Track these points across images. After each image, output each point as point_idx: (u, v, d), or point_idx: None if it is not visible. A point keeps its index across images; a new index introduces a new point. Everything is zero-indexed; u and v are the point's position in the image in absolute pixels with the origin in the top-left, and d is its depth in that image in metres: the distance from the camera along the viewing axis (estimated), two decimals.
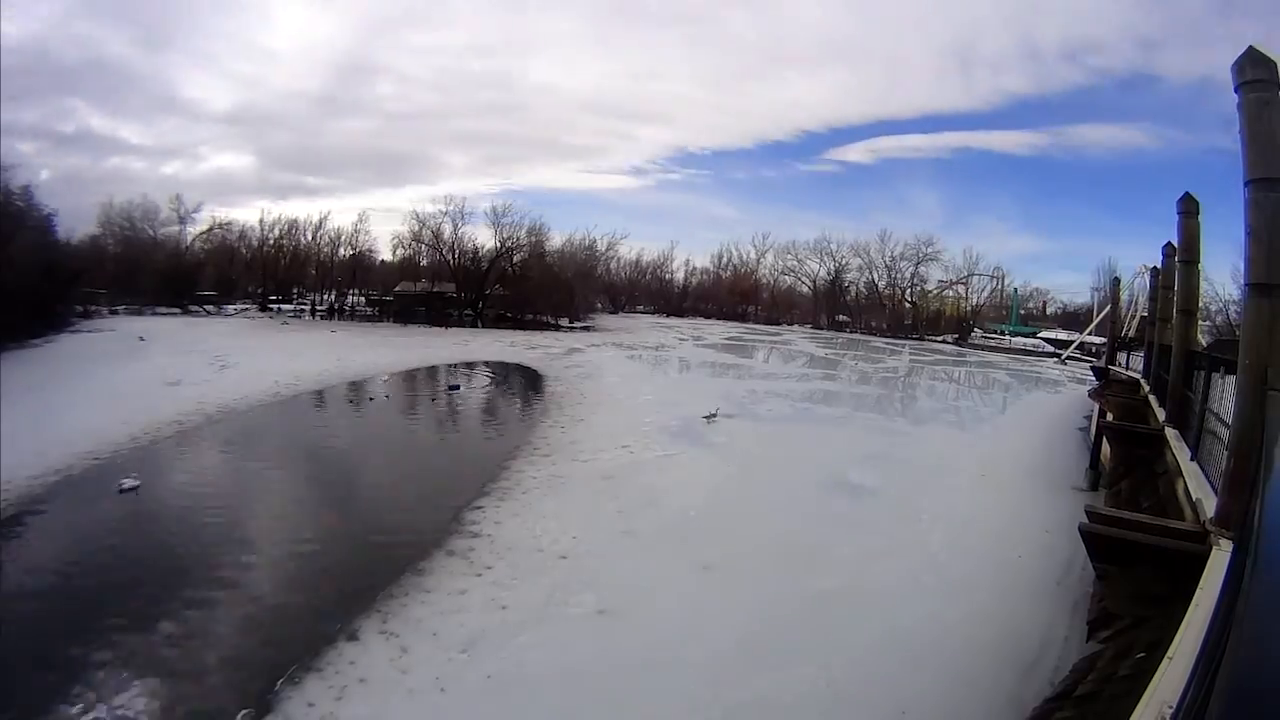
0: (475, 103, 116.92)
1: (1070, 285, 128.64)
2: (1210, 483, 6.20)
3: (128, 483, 13.66)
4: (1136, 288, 40.80)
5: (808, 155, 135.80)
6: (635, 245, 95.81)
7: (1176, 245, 11.46)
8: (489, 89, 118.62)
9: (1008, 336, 72.55)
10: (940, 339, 72.72)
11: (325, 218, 66.03)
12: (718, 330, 66.03)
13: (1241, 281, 5.07)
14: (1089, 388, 27.92)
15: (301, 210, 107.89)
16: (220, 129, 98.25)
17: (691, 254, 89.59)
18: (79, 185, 69.60)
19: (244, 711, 6.85)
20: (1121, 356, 27.63)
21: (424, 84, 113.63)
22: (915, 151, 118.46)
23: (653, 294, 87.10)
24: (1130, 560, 5.18)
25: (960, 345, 68.61)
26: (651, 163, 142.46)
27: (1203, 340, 20.81)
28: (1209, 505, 5.43)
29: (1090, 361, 45.49)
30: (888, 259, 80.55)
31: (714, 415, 21.97)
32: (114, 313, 46.38)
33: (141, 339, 34.95)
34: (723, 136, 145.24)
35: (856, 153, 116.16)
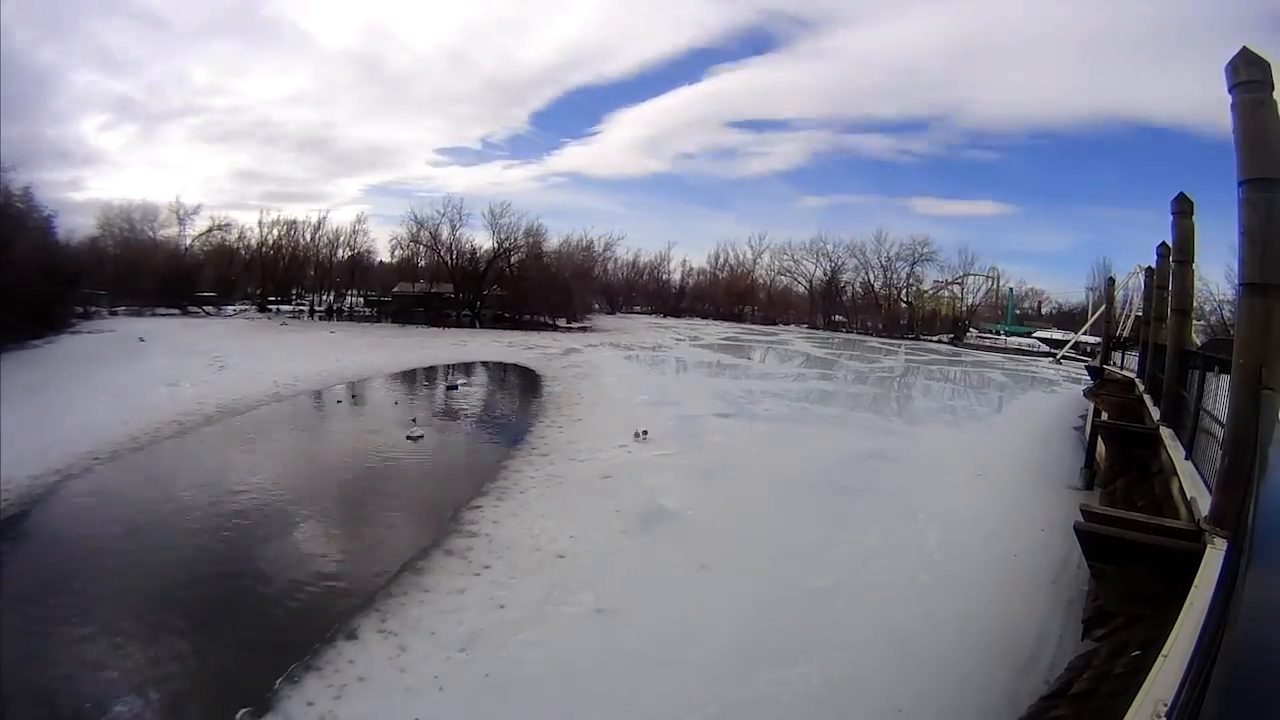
0: None
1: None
2: (1205, 481, 6.23)
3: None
4: (1131, 287, 40.93)
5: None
6: (632, 246, 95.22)
7: (1171, 245, 11.52)
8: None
9: (1003, 336, 72.61)
10: (936, 339, 72.85)
11: (324, 218, 66.19)
12: (714, 330, 66.03)
13: (1236, 281, 5.10)
14: (1084, 387, 28.01)
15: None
16: None
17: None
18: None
19: (243, 710, 6.85)
20: (1116, 356, 27.78)
21: None
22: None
23: (650, 294, 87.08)
24: (1125, 559, 5.21)
25: (956, 345, 68.70)
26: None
27: (1197, 340, 20.94)
28: (1204, 504, 5.46)
29: (1085, 361, 45.65)
30: (883, 259, 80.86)
31: (645, 433, 19.32)
32: (114, 314, 46.26)
33: (141, 340, 34.87)
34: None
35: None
